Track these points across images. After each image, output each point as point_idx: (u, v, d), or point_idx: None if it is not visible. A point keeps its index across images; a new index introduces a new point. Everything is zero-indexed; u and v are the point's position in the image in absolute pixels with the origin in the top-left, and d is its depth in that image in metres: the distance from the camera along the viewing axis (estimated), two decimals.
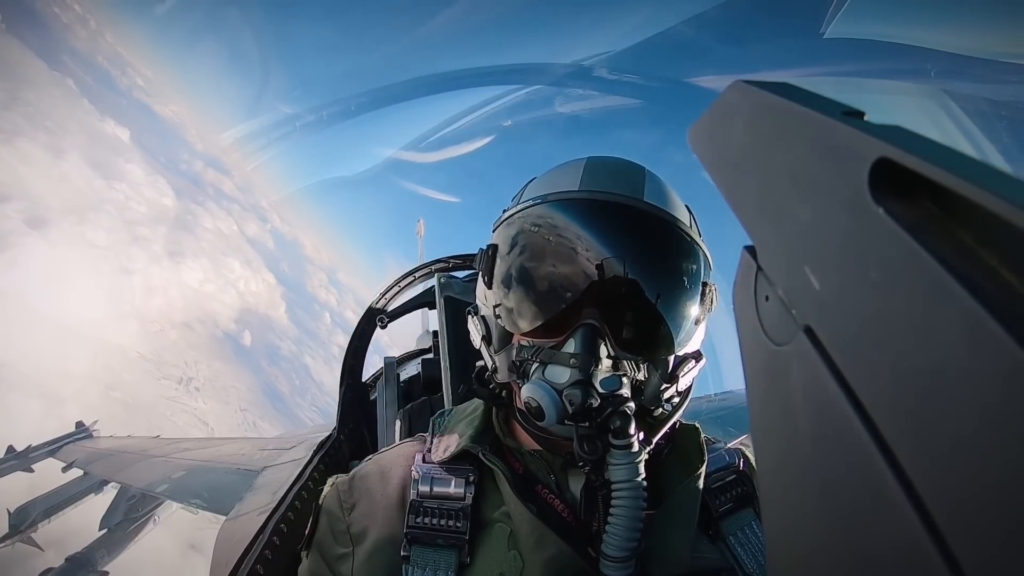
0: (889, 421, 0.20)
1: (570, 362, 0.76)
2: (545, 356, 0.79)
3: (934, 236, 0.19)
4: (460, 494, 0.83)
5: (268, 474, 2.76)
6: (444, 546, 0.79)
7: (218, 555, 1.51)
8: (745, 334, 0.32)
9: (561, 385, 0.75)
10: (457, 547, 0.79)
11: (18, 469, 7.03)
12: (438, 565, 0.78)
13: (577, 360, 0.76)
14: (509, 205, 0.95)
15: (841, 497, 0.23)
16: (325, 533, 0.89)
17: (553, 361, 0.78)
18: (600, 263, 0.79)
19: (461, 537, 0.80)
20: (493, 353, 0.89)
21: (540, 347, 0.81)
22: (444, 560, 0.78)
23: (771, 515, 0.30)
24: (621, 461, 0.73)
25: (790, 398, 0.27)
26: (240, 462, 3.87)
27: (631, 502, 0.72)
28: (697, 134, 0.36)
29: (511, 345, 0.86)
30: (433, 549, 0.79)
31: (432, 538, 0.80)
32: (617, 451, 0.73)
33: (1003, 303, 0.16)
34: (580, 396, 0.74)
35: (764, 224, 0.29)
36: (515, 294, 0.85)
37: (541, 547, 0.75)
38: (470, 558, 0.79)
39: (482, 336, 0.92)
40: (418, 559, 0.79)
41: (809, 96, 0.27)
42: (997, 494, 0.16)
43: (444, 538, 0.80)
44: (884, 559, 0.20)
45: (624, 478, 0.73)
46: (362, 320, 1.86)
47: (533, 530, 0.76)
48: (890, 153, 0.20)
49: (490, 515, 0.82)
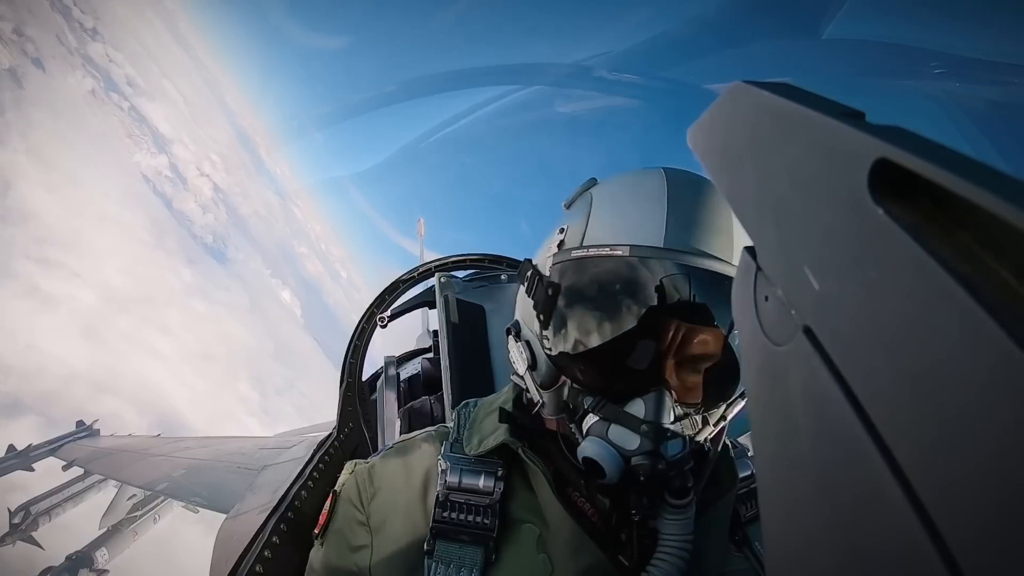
0: (888, 421, 0.20)
1: (640, 429, 0.72)
2: (609, 413, 0.74)
3: (933, 237, 0.19)
4: (489, 488, 0.79)
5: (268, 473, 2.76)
6: (469, 543, 0.77)
7: (218, 554, 1.51)
8: (745, 334, 0.32)
9: (629, 452, 0.71)
10: (483, 545, 0.76)
11: (19, 468, 7.03)
12: (463, 562, 0.75)
13: (649, 429, 0.72)
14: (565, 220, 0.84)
15: (839, 496, 0.23)
16: (343, 523, 0.86)
17: (620, 422, 0.73)
18: (678, 327, 0.75)
19: (488, 534, 0.77)
20: (539, 387, 0.84)
21: (602, 401, 0.75)
22: (469, 557, 0.76)
23: (770, 514, 0.30)
24: (675, 517, 0.73)
25: (789, 398, 0.27)
26: (240, 461, 3.87)
27: (679, 553, 0.71)
28: (697, 134, 0.36)
29: (563, 384, 0.80)
30: (459, 545, 0.77)
31: (458, 533, 0.77)
32: (671, 507, 0.73)
33: (1002, 304, 0.16)
34: (650, 467, 0.70)
35: (764, 224, 0.29)
36: (581, 341, 0.77)
37: (578, 554, 0.73)
38: (496, 556, 0.76)
39: (528, 365, 0.85)
40: (442, 554, 0.76)
41: (809, 96, 0.27)
42: (995, 494, 0.16)
43: (470, 534, 0.77)
44: (882, 557, 0.20)
45: (676, 532, 0.72)
46: (362, 319, 1.87)
47: (573, 536, 0.74)
48: (890, 154, 0.20)
49: (518, 514, 0.80)
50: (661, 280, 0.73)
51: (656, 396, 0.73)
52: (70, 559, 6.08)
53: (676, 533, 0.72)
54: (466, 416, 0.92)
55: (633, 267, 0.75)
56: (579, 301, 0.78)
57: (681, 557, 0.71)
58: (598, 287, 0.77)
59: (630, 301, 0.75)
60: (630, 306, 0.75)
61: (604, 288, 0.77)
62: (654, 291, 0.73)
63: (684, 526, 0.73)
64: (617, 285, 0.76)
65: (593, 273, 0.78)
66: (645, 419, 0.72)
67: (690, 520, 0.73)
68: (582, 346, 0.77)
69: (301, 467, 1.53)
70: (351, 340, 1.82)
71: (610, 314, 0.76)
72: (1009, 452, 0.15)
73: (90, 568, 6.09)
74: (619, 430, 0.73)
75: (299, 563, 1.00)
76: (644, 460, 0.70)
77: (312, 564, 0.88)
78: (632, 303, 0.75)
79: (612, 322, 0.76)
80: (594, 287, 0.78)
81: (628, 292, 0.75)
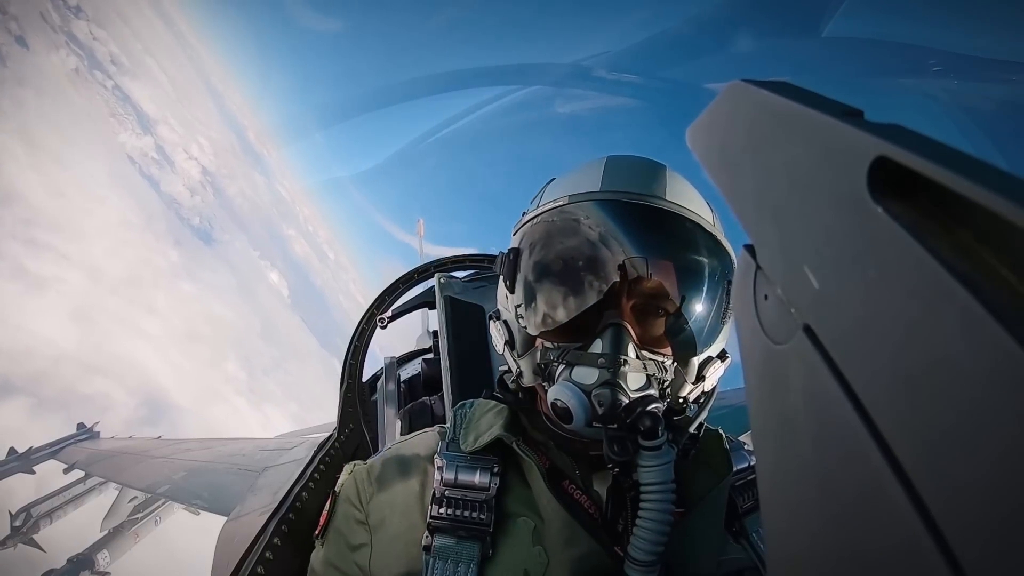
0: (888, 420, 0.20)
1: (598, 362, 0.75)
2: (572, 358, 0.78)
3: (933, 235, 0.19)
4: (485, 484, 0.81)
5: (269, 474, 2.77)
6: (466, 538, 0.78)
7: (219, 556, 1.51)
8: (744, 333, 0.32)
9: (589, 386, 0.74)
10: (480, 540, 0.77)
11: (20, 471, 7.04)
12: (460, 557, 0.76)
13: (606, 360, 0.75)
14: (529, 207, 0.93)
15: (840, 496, 0.23)
16: (343, 522, 0.87)
17: (580, 362, 0.77)
18: (624, 263, 0.78)
19: (485, 529, 0.78)
20: (517, 358, 0.88)
21: (566, 349, 0.80)
22: (467, 552, 0.77)
23: (770, 514, 0.30)
24: (652, 463, 0.72)
25: (789, 397, 0.27)
26: (241, 463, 3.88)
27: (660, 504, 0.71)
28: (696, 133, 0.36)
29: (535, 348, 0.85)
30: (456, 540, 0.78)
31: (455, 529, 0.78)
32: (647, 452, 0.72)
33: (1002, 301, 0.16)
34: (609, 396, 0.73)
35: (763, 223, 0.29)
36: (539, 296, 0.84)
37: (571, 544, 0.74)
38: (492, 551, 0.77)
39: (505, 341, 0.90)
40: (440, 550, 0.77)
41: (808, 95, 0.27)
42: (997, 494, 0.16)
43: (467, 530, 0.78)
44: (883, 557, 0.20)
45: (654, 480, 0.72)
46: (362, 320, 1.87)
47: (565, 526, 0.75)
48: (889, 152, 0.20)
49: (513, 508, 0.81)
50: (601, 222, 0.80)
51: (611, 331, 0.77)
52: (71, 561, 6.07)
53: (656, 481, 0.72)
54: (462, 416, 0.94)
55: (574, 212, 0.83)
56: (531, 253, 0.86)
57: (665, 508, 0.71)
58: (547, 238, 0.85)
59: (577, 248, 0.82)
60: (579, 252, 0.81)
61: (553, 239, 0.84)
62: (597, 236, 0.80)
63: (662, 472, 0.72)
64: (564, 236, 0.83)
65: (542, 227, 0.86)
66: (602, 352, 0.76)
67: (668, 467, 0.73)
68: (543, 301, 0.83)
69: (302, 468, 1.53)
70: (351, 341, 1.82)
71: (558, 257, 0.83)
72: (1011, 451, 0.15)
73: (91, 570, 6.08)
74: (580, 369, 0.77)
75: (300, 564, 1.00)
76: (603, 390, 0.73)
77: (313, 564, 0.89)
78: (575, 244, 0.82)
79: (560, 263, 0.83)
80: (544, 238, 0.85)
81: (574, 239, 0.82)
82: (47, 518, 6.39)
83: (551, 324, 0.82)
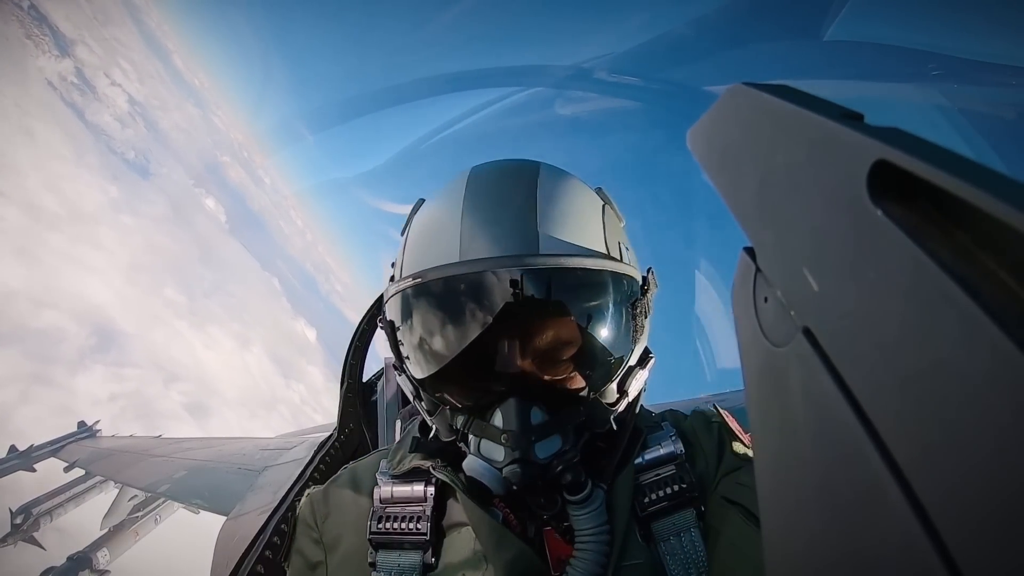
0: (887, 422, 0.20)
1: (502, 439, 0.73)
2: (476, 430, 0.77)
3: (932, 238, 0.19)
4: (420, 495, 0.82)
5: (269, 474, 2.77)
6: (409, 549, 0.79)
7: (219, 555, 1.51)
8: (744, 335, 0.32)
9: (499, 463, 0.73)
10: (421, 549, 0.79)
11: (20, 468, 7.04)
12: (403, 569, 0.78)
13: (510, 438, 0.73)
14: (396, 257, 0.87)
15: (839, 497, 0.23)
16: (302, 542, 0.89)
17: (485, 436, 0.76)
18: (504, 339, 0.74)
19: (422, 539, 0.79)
20: (427, 414, 0.87)
21: (469, 418, 0.79)
22: (408, 563, 0.78)
23: (769, 515, 0.30)
24: (581, 512, 0.73)
25: (789, 399, 0.27)
26: (241, 462, 3.88)
27: (596, 546, 0.72)
28: (696, 136, 0.37)
29: (443, 409, 0.83)
30: (398, 553, 0.79)
31: (398, 542, 0.79)
32: (574, 504, 0.73)
33: (1001, 305, 0.16)
34: (520, 474, 0.71)
35: (763, 225, 0.29)
36: (430, 371, 0.80)
37: (502, 548, 0.74)
38: (435, 560, 0.78)
39: (413, 396, 0.88)
40: (384, 564, 0.79)
41: (808, 98, 0.27)
42: (994, 495, 0.16)
43: (409, 542, 0.79)
44: (881, 558, 0.20)
45: (586, 527, 0.73)
46: (362, 321, 1.87)
47: (492, 531, 0.75)
48: (888, 155, 0.20)
49: (453, 517, 0.82)
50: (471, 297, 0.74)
51: (510, 404, 0.74)
52: (71, 560, 6.07)
53: (587, 528, 0.73)
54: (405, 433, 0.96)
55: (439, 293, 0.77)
56: (409, 335, 0.82)
57: (599, 550, 0.72)
58: (419, 318, 0.80)
59: (450, 323, 0.77)
60: (452, 327, 0.77)
61: (425, 318, 0.79)
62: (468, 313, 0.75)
63: (593, 518, 0.73)
64: (430, 311, 0.78)
65: (412, 305, 0.80)
66: (504, 428, 0.74)
67: (599, 511, 0.73)
68: (427, 368, 0.80)
69: (302, 468, 1.53)
70: (351, 341, 1.82)
71: (438, 339, 0.78)
72: (1008, 452, 0.15)
73: (91, 569, 6.08)
74: (487, 444, 0.76)
75: None
76: (514, 468, 0.72)
77: None
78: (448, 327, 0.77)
79: (441, 346, 0.78)
80: (416, 319, 0.80)
81: (442, 317, 0.77)
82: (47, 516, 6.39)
83: (449, 399, 0.82)
